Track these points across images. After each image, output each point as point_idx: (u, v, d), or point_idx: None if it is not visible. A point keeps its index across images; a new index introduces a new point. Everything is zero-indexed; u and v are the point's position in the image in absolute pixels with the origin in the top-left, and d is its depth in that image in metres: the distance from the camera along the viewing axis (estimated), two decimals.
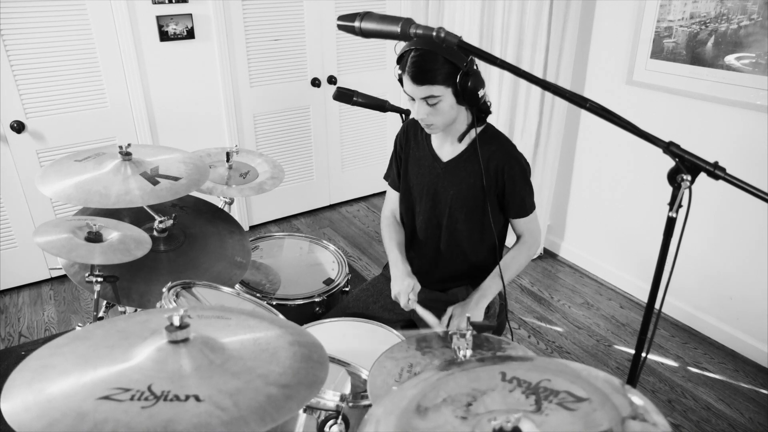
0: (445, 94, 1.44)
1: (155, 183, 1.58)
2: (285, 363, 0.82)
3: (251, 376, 0.77)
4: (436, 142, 1.67)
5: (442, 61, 1.40)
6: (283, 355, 0.84)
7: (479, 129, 1.59)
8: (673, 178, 0.95)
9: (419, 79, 1.42)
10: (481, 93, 1.46)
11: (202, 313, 0.97)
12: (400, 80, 1.49)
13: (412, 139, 1.73)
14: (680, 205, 0.96)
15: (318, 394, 1.12)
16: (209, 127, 3.31)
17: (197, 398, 0.72)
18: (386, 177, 1.86)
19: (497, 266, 1.65)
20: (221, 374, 0.77)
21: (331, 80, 3.61)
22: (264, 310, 1.55)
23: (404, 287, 1.61)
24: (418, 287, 1.63)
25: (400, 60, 1.47)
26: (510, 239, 1.75)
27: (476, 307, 1.60)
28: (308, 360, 0.84)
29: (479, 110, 1.55)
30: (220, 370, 0.78)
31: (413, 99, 1.48)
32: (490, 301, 1.65)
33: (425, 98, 1.45)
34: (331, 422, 1.11)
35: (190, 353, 0.81)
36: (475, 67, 1.43)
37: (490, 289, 1.64)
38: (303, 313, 1.85)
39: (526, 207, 1.64)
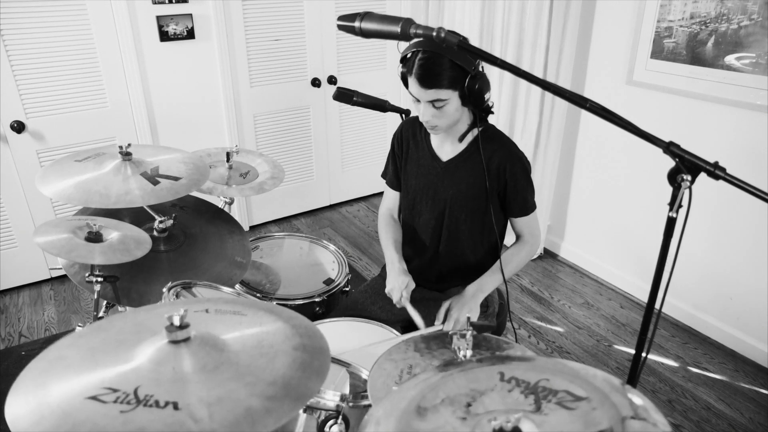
0: (452, 97, 1.43)
1: (155, 183, 1.58)
2: (279, 372, 0.81)
3: (238, 384, 0.77)
4: (435, 141, 1.67)
5: (450, 64, 1.39)
6: (281, 361, 0.84)
7: (481, 128, 1.59)
8: (673, 178, 0.95)
9: (427, 83, 1.41)
10: (487, 96, 1.46)
11: (220, 308, 0.97)
12: (405, 79, 1.48)
13: (411, 139, 1.72)
14: (680, 205, 0.96)
15: (317, 394, 1.12)
16: (209, 127, 3.31)
17: (175, 406, 0.72)
18: (384, 175, 1.86)
19: (496, 262, 1.64)
20: (207, 381, 0.77)
21: (331, 80, 3.61)
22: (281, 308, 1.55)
23: (398, 283, 1.61)
24: (413, 285, 1.63)
25: (405, 60, 1.46)
26: (509, 240, 1.75)
27: (472, 300, 1.59)
28: (306, 368, 0.83)
29: (482, 110, 1.55)
30: (210, 375, 0.78)
31: (418, 100, 1.47)
32: (488, 297, 1.65)
33: (432, 101, 1.44)
34: (331, 422, 1.11)
35: (190, 353, 0.81)
36: (480, 69, 1.43)
37: (487, 284, 1.63)
38: (303, 313, 1.81)
39: (528, 206, 1.64)
